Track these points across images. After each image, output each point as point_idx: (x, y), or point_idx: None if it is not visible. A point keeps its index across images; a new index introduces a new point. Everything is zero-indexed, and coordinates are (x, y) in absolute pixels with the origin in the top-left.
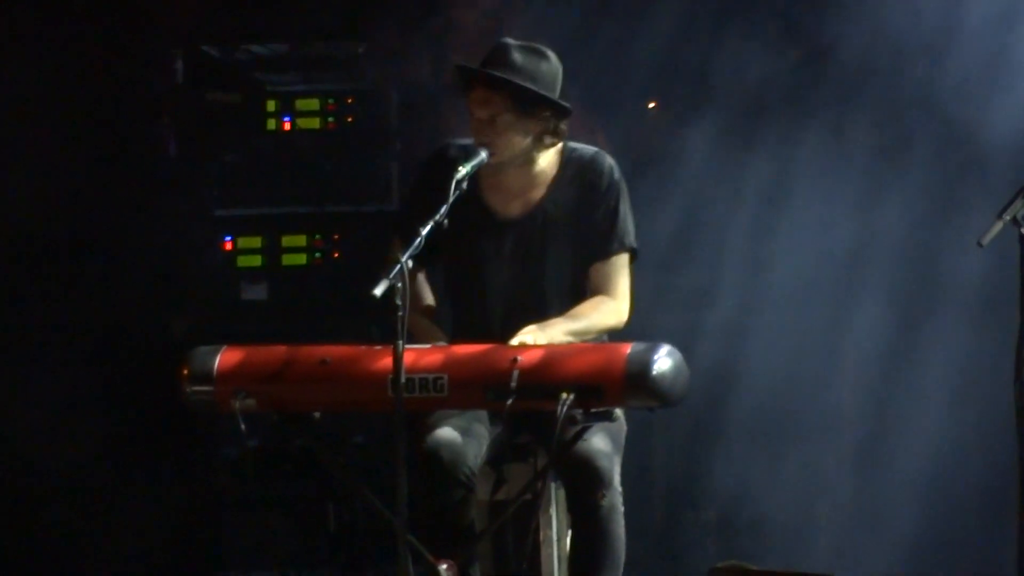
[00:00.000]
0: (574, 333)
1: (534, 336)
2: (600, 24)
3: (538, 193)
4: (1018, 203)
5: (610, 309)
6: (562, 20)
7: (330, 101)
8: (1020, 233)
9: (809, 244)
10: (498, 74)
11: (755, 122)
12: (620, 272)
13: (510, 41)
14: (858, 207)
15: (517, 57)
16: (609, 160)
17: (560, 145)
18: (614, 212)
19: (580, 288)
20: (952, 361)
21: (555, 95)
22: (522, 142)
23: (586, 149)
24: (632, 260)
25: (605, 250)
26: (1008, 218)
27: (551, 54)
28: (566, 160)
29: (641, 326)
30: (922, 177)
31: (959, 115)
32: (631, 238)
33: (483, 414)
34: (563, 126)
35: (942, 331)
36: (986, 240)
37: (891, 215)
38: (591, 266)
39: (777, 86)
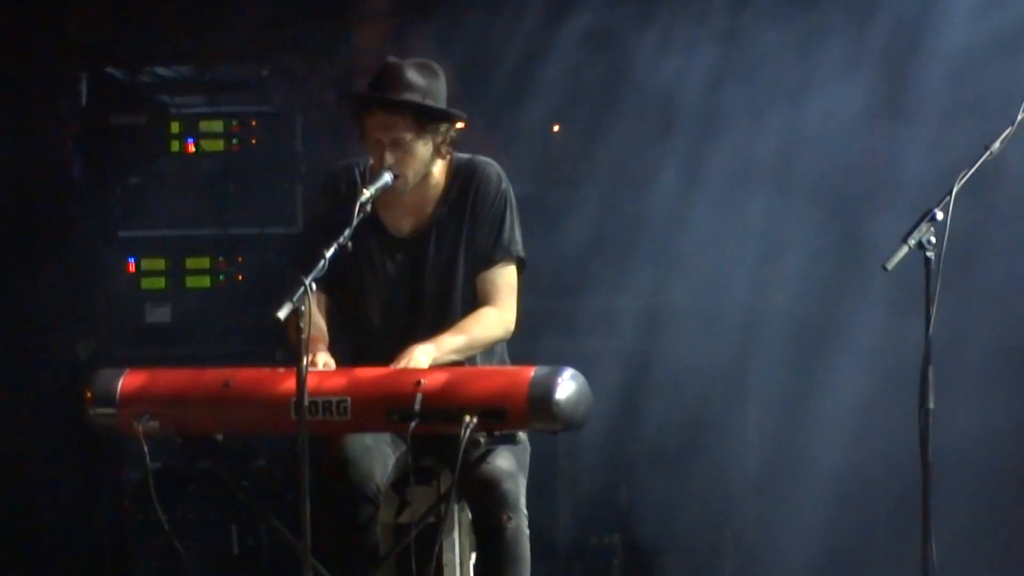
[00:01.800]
0: (458, 350)
1: (422, 355)
2: (504, 46)
3: (429, 208)
4: (923, 227)
5: (494, 321)
6: (465, 43)
7: (234, 123)
8: (925, 257)
9: (713, 269)
10: (401, 97)
11: (661, 145)
12: (505, 281)
13: (397, 60)
14: (762, 231)
15: (412, 76)
16: (496, 168)
17: (448, 157)
18: (500, 220)
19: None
20: (856, 386)
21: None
22: (424, 159)
23: (472, 159)
24: (520, 270)
25: (490, 258)
26: (913, 242)
27: (436, 66)
28: (455, 172)
29: (545, 349)
30: (825, 203)
31: (863, 143)
32: (517, 247)
33: (386, 435)
34: (453, 133)
35: (847, 354)
36: (891, 264)
37: (794, 241)
38: (478, 275)
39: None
